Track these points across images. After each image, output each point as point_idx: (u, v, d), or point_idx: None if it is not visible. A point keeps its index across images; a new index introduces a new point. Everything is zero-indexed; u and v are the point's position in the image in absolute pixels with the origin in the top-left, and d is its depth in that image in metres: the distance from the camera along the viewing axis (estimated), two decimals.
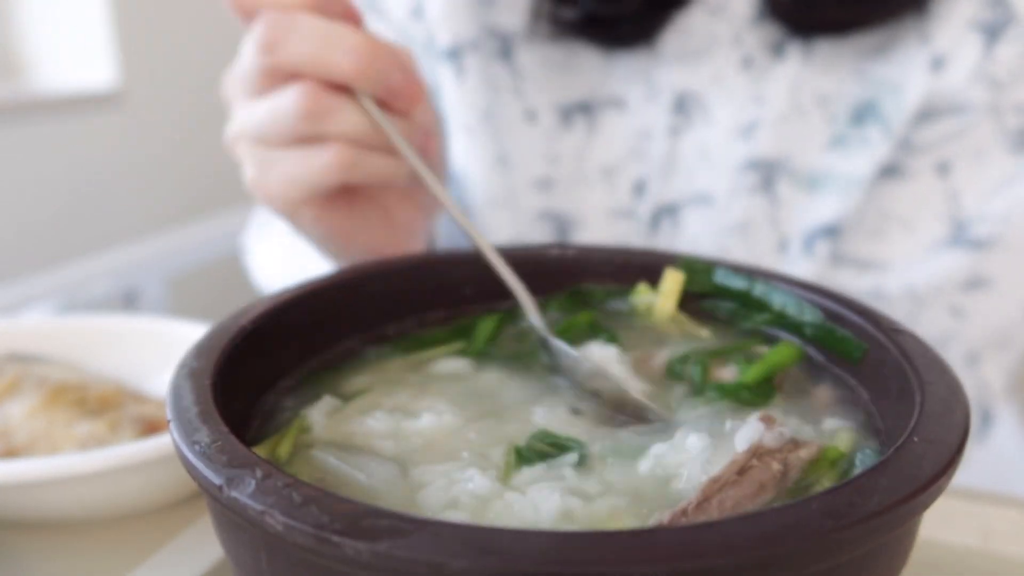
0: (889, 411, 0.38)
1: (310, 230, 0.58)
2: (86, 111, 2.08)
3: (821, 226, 0.74)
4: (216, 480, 0.30)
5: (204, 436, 0.32)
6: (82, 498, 0.49)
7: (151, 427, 0.54)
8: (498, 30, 0.78)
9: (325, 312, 0.46)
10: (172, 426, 0.33)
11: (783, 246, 0.76)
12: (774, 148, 0.74)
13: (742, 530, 0.26)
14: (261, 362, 0.42)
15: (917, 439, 0.31)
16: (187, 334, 0.64)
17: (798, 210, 0.75)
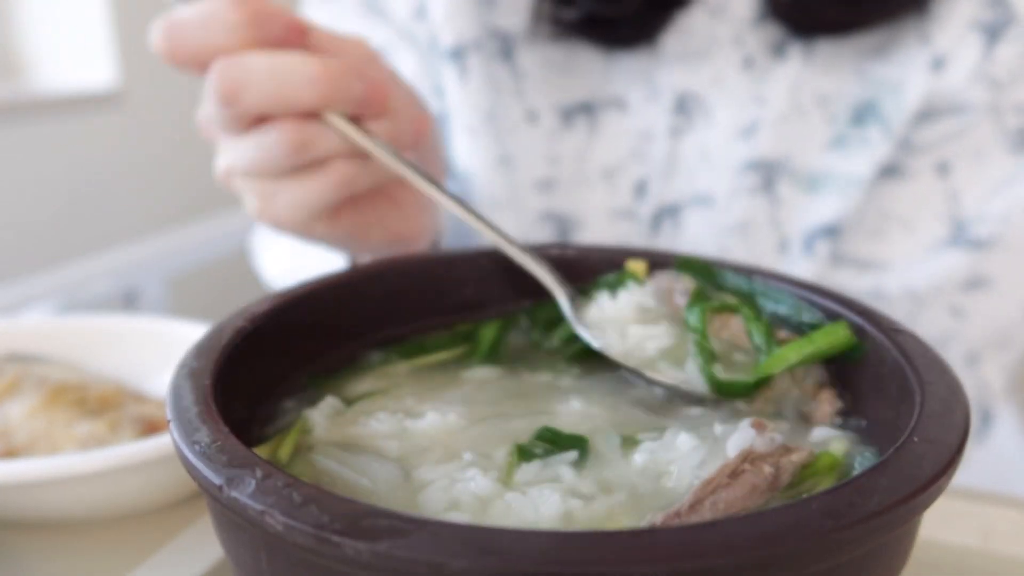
0: (889, 411, 0.38)
1: (325, 241, 0.59)
2: (86, 111, 2.08)
3: (821, 226, 0.74)
4: (216, 480, 0.30)
5: (204, 436, 0.32)
6: (82, 498, 0.49)
7: (151, 427, 0.54)
8: (499, 31, 0.78)
9: (326, 313, 0.46)
10: (172, 426, 0.33)
11: (783, 246, 0.76)
12: (774, 148, 0.74)
13: (742, 530, 0.26)
14: (262, 363, 0.42)
15: (917, 439, 0.31)
16: (187, 334, 0.64)
17: (798, 210, 0.75)
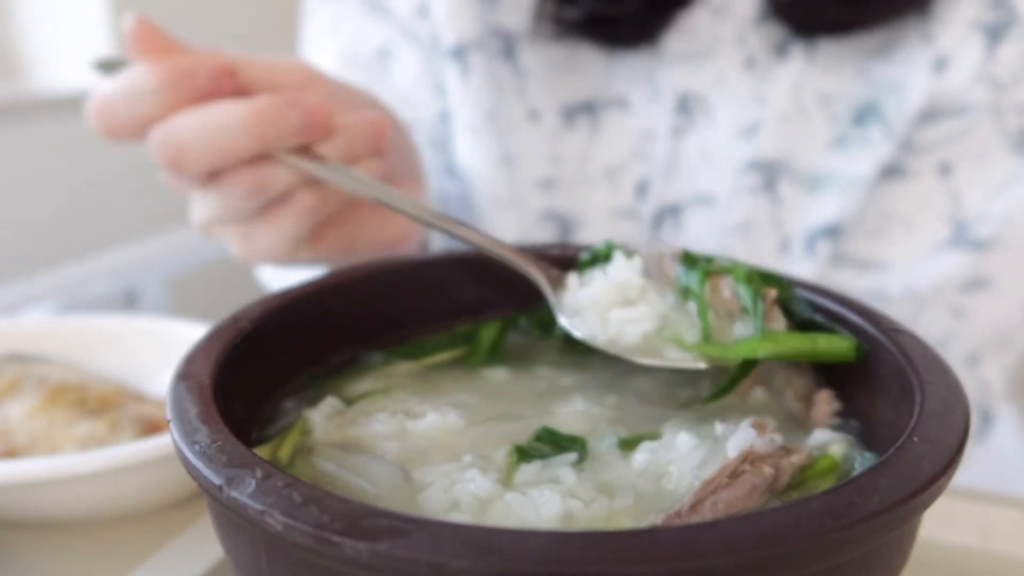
0: (889, 411, 0.38)
1: (314, 262, 0.60)
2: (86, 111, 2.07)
3: (823, 226, 0.74)
4: (216, 480, 0.30)
5: (204, 436, 0.32)
6: (82, 498, 0.49)
7: (151, 427, 0.54)
8: (502, 30, 0.78)
9: (326, 314, 0.46)
10: (172, 426, 0.33)
11: (785, 246, 0.76)
12: (776, 149, 0.74)
13: (742, 530, 0.26)
14: (262, 363, 0.42)
15: (917, 439, 0.31)
16: (187, 334, 0.64)
17: (800, 210, 0.75)
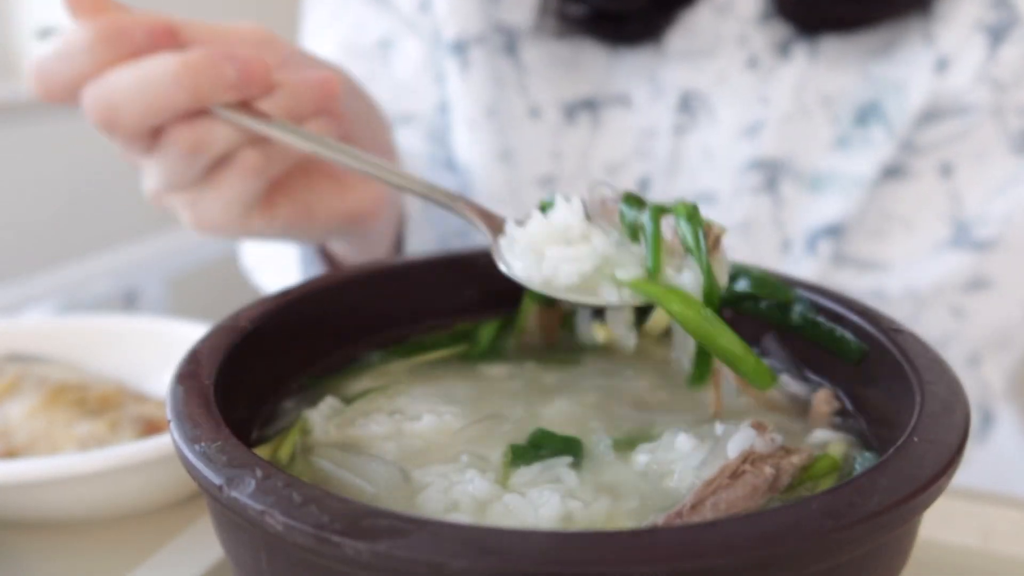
0: (889, 411, 0.38)
1: (270, 233, 0.57)
2: None
3: (824, 226, 0.74)
4: (216, 480, 0.30)
5: (204, 436, 0.32)
6: (82, 498, 0.49)
7: (151, 427, 0.54)
8: (504, 25, 0.78)
9: (326, 314, 0.46)
10: (172, 426, 0.33)
11: (786, 246, 0.76)
12: (778, 148, 0.74)
13: (742, 530, 0.26)
14: (262, 363, 0.42)
15: (917, 439, 0.31)
16: (187, 334, 0.64)
17: (801, 210, 0.75)
